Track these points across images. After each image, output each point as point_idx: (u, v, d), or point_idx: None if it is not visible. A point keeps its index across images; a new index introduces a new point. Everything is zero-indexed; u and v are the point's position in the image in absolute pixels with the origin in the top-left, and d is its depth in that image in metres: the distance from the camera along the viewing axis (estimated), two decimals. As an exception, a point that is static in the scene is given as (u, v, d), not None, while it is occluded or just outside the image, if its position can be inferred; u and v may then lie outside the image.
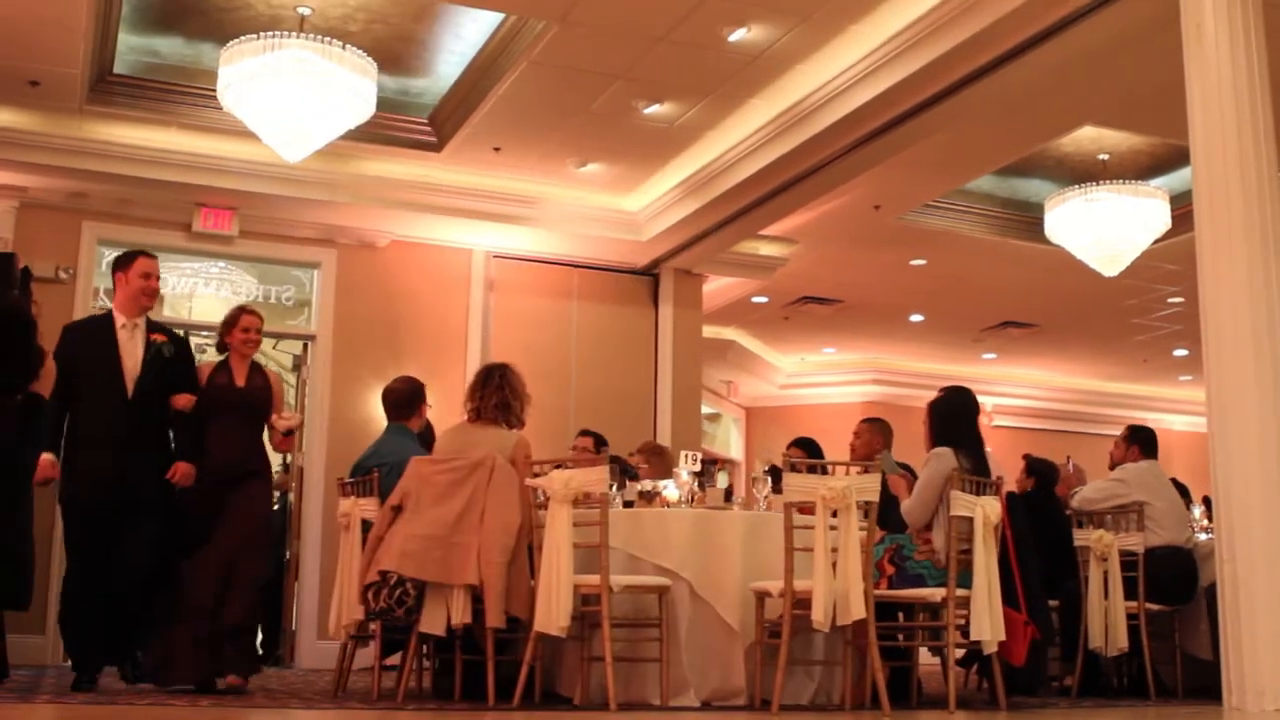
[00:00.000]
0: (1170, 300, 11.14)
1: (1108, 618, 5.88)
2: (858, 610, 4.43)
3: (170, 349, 5.36)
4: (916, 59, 6.47)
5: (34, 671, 6.87)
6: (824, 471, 4.68)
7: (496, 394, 5.28)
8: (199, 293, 9.32)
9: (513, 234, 9.16)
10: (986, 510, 4.81)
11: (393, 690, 5.18)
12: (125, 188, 8.21)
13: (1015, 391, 14.17)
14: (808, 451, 6.25)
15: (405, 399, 5.87)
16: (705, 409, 11.63)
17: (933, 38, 6.34)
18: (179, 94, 7.87)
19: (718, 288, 10.71)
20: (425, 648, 5.43)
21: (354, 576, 5.23)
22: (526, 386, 5.41)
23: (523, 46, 7.02)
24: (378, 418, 8.81)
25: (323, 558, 8.52)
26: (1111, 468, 6.55)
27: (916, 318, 12.23)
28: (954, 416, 5.27)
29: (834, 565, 4.49)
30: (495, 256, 9.43)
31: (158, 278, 5.56)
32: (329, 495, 8.59)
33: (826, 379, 14.08)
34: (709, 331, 10.69)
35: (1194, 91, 5.08)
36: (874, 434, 6.18)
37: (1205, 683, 5.87)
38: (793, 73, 7.17)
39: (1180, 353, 13.07)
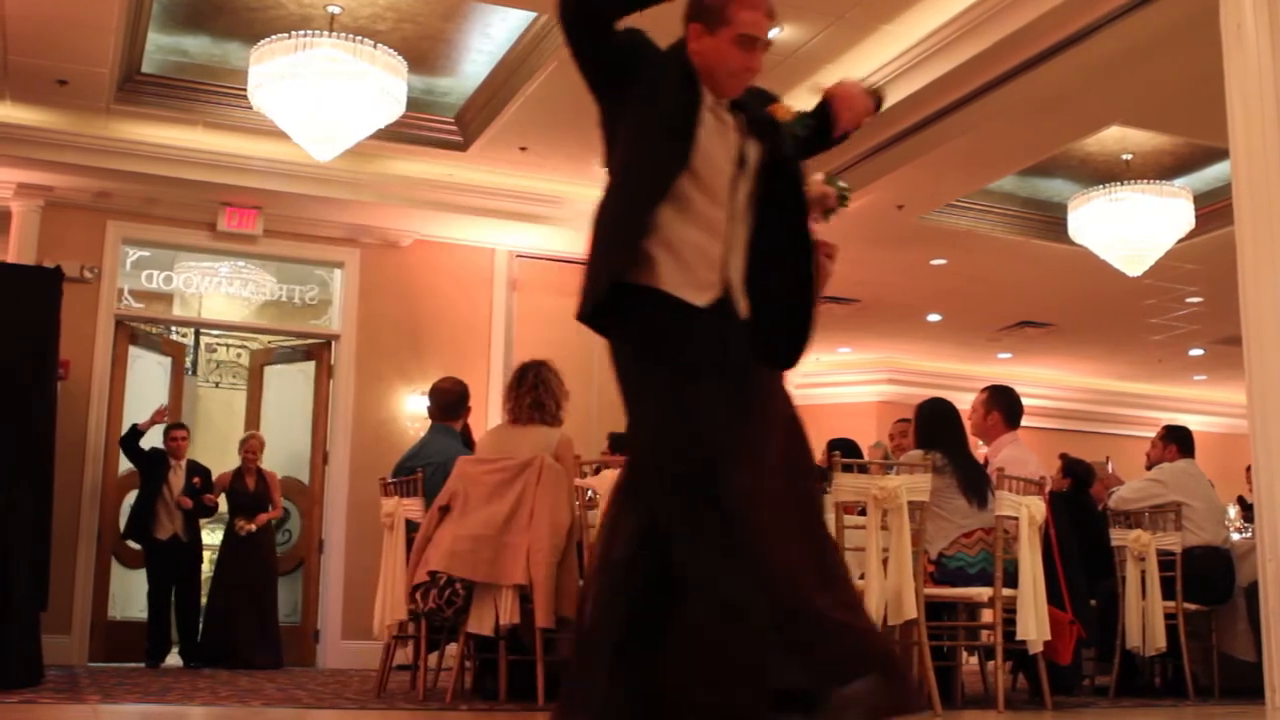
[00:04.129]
0: (1189, 300, 11.13)
1: (1145, 617, 5.88)
2: (909, 610, 4.43)
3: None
4: (949, 59, 6.47)
5: (63, 671, 6.86)
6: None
7: (531, 393, 5.23)
8: (212, 292, 9.33)
9: (536, 233, 9.15)
10: (1032, 510, 4.82)
11: (432, 690, 5.16)
12: (151, 187, 8.22)
13: (1029, 391, 14.13)
14: (847, 452, 6.23)
15: (455, 400, 5.85)
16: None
17: (966, 38, 6.33)
18: (206, 93, 7.86)
19: (736, 287, 10.68)
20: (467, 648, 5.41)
21: (398, 576, 5.21)
22: (563, 383, 5.39)
23: (553, 46, 6.99)
24: (401, 417, 8.89)
25: (346, 559, 8.52)
26: (1148, 467, 6.55)
27: (934, 317, 12.22)
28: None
29: (884, 565, 4.49)
30: (518, 256, 9.41)
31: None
32: (352, 494, 8.60)
33: (841, 378, 14.06)
34: (726, 331, 10.68)
35: (1233, 91, 5.06)
36: (918, 433, 6.15)
37: (1241, 683, 5.88)
38: (823, 72, 7.14)
39: (1196, 352, 13.06)
